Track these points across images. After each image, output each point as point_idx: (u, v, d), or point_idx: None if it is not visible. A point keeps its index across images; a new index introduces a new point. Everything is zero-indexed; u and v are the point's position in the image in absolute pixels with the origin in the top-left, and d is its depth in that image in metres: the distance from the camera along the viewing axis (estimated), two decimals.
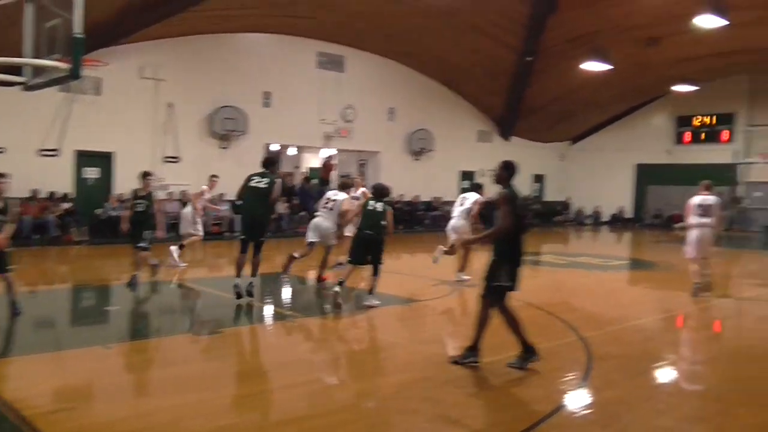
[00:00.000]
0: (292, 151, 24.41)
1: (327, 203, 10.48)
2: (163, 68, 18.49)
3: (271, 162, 9.05)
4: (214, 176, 12.69)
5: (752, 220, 26.57)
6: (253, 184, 8.75)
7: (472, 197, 11.44)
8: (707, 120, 27.92)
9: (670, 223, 27.82)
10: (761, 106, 26.50)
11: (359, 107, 22.76)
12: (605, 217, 30.32)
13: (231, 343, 7.20)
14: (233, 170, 19.72)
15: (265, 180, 8.76)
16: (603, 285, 12.25)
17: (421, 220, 23.84)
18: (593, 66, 21.64)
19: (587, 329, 7.82)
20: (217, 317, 8.44)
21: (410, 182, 24.20)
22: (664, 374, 6.41)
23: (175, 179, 18.72)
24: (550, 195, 30.80)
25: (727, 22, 17.03)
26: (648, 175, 29.42)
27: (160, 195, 18.36)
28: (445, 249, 11.21)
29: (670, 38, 20.93)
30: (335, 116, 22.29)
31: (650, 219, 29.03)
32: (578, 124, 30.26)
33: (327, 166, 9.90)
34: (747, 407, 5.30)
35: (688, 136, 28.47)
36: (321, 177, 10.76)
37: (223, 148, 19.86)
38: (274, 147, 22.36)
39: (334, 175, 19.46)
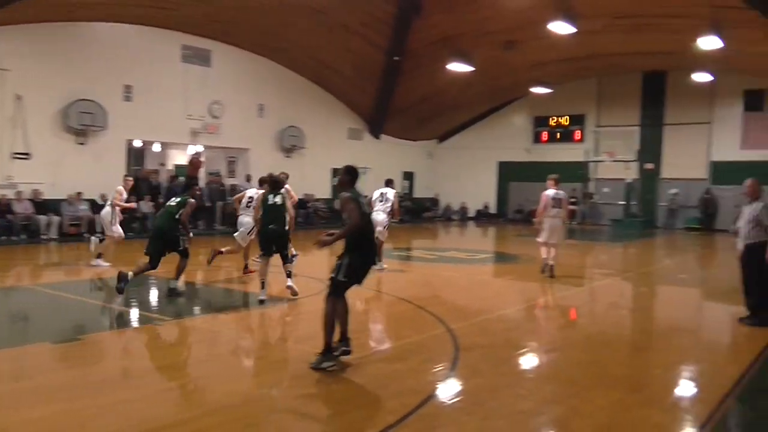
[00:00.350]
0: (156, 148, 23.39)
1: (249, 202, 11.08)
2: (8, 57, 17.07)
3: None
4: (127, 176, 13.31)
5: (602, 214, 28.75)
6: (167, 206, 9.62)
7: (390, 192, 12.65)
8: (562, 121, 29.86)
9: (530, 218, 29.53)
10: (607, 107, 28.72)
11: (227, 103, 22.22)
12: (471, 212, 31.61)
13: (94, 350, 6.80)
14: (91, 167, 18.63)
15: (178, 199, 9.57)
16: (469, 278, 12.75)
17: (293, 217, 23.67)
18: (457, 67, 22.46)
19: (455, 321, 8.13)
20: (77, 323, 7.94)
21: None
22: (525, 361, 6.80)
23: (25, 177, 17.36)
24: (420, 192, 31.66)
25: (575, 30, 18.31)
26: (510, 173, 31.00)
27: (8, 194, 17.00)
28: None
29: (527, 43, 22.17)
30: (202, 112, 21.62)
31: (512, 214, 30.61)
32: (445, 123, 31.32)
33: (194, 163, 9.54)
34: (598, 389, 5.74)
35: (545, 135, 30.28)
36: (188, 175, 10.43)
37: (80, 143, 18.66)
38: (137, 143, 21.33)
39: (201, 173, 18.83)
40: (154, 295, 10.11)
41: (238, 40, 21.95)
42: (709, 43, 18.35)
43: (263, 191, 9.87)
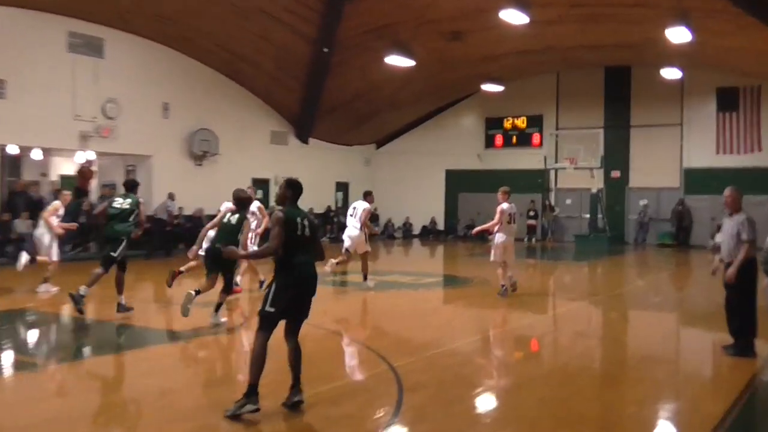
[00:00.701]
0: (37, 155, 22.60)
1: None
2: None
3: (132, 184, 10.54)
4: (65, 191, 13.69)
5: (564, 229, 29.39)
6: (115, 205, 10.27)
7: (361, 205, 13.76)
8: (518, 122, 30.46)
9: (483, 234, 29.88)
10: (568, 107, 29.49)
11: (124, 101, 21.71)
12: (416, 229, 31.79)
13: None
14: None
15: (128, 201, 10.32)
16: (415, 306, 12.75)
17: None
18: (396, 61, 22.65)
19: (398, 357, 8.08)
20: None
21: (192, 192, 23.52)
22: (480, 402, 6.79)
23: None
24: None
25: (528, 19, 18.72)
26: (459, 182, 31.38)
27: None
28: (336, 261, 13.43)
29: (475, 33, 22.57)
30: (94, 112, 21.05)
31: (463, 230, 30.94)
32: (384, 125, 31.49)
33: (84, 173, 9.14)
34: (563, 431, 5.78)
35: (499, 139, 30.82)
36: (77, 187, 10.12)
37: None
38: (12, 149, 20.56)
39: (93, 185, 18.28)
40: (34, 334, 9.68)
41: (137, 27, 21.52)
42: (676, 35, 19.06)
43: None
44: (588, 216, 28.04)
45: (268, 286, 6.13)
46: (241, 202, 9.90)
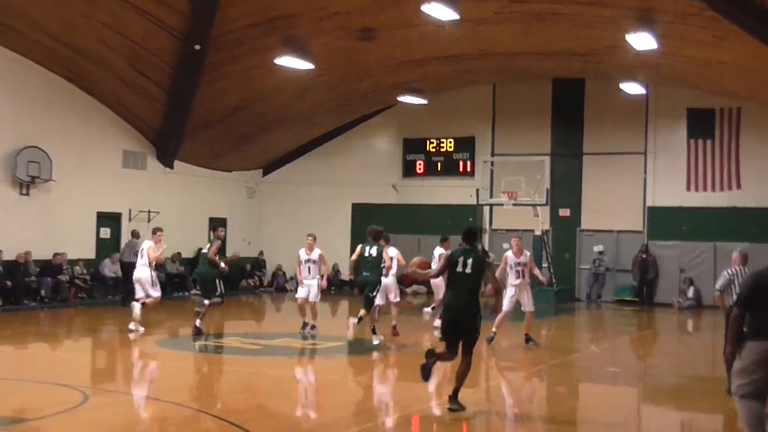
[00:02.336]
0: None
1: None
2: None
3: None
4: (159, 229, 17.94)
5: (501, 281, 29.89)
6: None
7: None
8: (444, 145, 30.94)
9: (401, 285, 30.05)
10: (506, 128, 30.14)
11: None
12: None
13: None
14: None
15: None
16: (312, 377, 12.73)
17: (35, 290, 22.61)
18: (290, 63, 22.75)
19: None
20: None
21: (15, 230, 22.85)
22: None
23: None
24: (235, 247, 31.39)
25: (457, 16, 19.16)
26: (369, 220, 31.43)
27: None
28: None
29: (391, 32, 22.89)
30: None
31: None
32: (273, 147, 31.45)
33: None
34: None
35: (420, 166, 31.22)
36: None
37: None
38: None
39: None
40: None
41: None
42: (640, 41, 19.90)
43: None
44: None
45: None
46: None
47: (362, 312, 16.01)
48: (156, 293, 17.63)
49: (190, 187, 28.84)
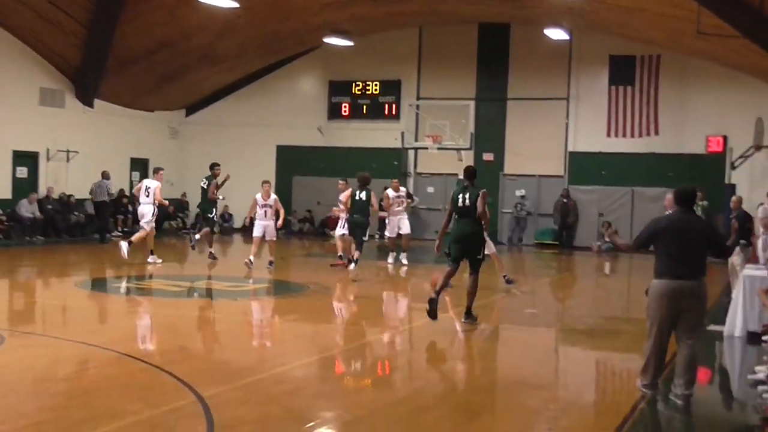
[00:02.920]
0: None
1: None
2: None
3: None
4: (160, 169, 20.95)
5: (424, 224, 30.17)
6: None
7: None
8: (370, 88, 30.88)
9: (324, 229, 30.17)
10: (432, 72, 30.23)
11: None
12: (238, 220, 31.55)
13: None
14: None
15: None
16: (234, 320, 12.74)
17: None
18: (213, 0, 22.35)
19: (210, 385, 8.08)
20: None
21: None
22: None
23: None
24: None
25: None
26: (294, 162, 31.45)
27: None
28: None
29: None
30: None
31: (299, 223, 31.03)
32: (197, 86, 31.03)
33: None
34: None
35: (345, 108, 31.14)
36: None
37: None
38: None
39: None
40: None
41: None
42: None
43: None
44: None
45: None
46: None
47: (357, 254, 17.96)
48: (148, 226, 19.69)
49: (110, 127, 28.33)
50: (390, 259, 21.27)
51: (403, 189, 21.75)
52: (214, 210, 21.04)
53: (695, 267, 8.13)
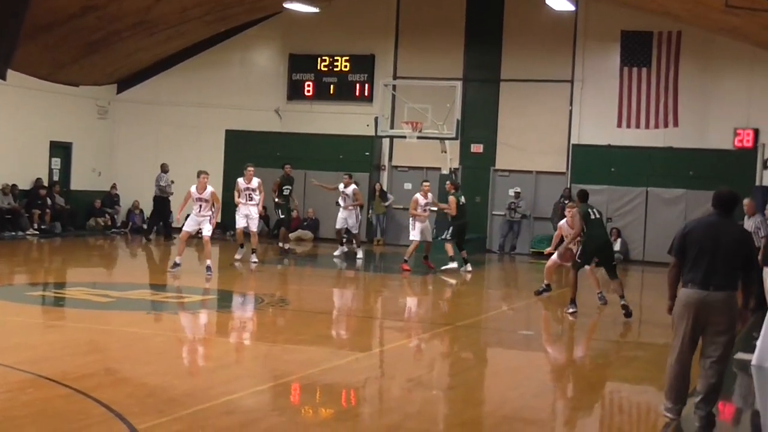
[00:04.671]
0: None
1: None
2: None
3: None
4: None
5: (401, 227, 30.14)
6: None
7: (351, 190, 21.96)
8: (339, 64, 30.79)
9: (279, 230, 30.07)
10: (412, 46, 30.19)
11: None
12: (179, 218, 31.44)
13: None
14: None
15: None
16: (173, 337, 12.68)
17: None
18: None
19: (144, 416, 8.05)
20: None
21: None
22: None
23: None
24: (82, 179, 30.87)
25: None
26: (246, 150, 31.24)
27: None
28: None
29: None
30: None
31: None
32: (130, 57, 30.87)
33: None
34: None
35: (309, 87, 31.04)
36: None
37: None
38: None
39: None
40: None
41: None
42: None
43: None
44: (435, 210, 28.77)
45: None
46: None
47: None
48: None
49: (26, 104, 28.15)
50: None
51: (431, 195, 23.02)
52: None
53: (725, 278, 8.39)
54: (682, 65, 27.27)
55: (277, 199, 24.61)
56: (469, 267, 22.10)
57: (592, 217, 16.11)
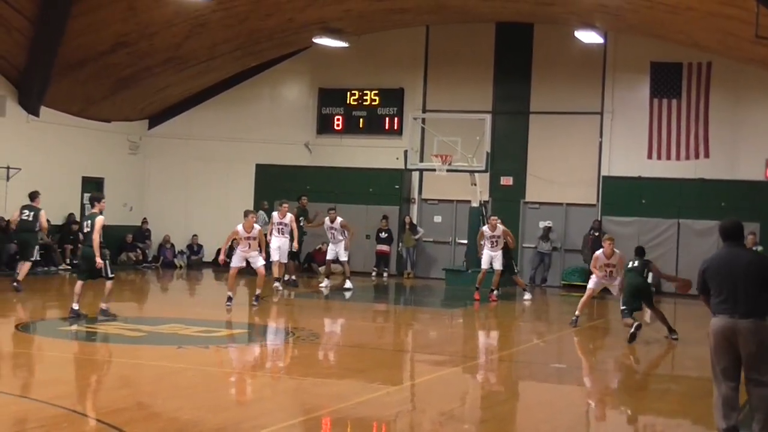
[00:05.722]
0: None
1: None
2: None
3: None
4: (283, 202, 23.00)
5: (431, 259, 30.10)
6: None
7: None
8: (368, 98, 30.83)
9: (309, 263, 30.08)
10: (441, 79, 30.22)
11: None
12: (209, 253, 31.46)
13: None
14: None
15: None
16: (205, 371, 12.69)
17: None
18: None
19: None
20: None
21: None
22: None
23: None
24: (113, 213, 30.97)
25: None
26: (276, 184, 31.35)
27: None
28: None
29: None
30: None
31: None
32: (161, 93, 31.02)
33: None
34: None
35: (338, 121, 31.09)
36: None
37: None
38: None
39: None
40: None
41: None
42: None
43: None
44: (466, 242, 28.69)
45: None
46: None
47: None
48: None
49: (59, 140, 28.33)
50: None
51: (501, 227, 23.40)
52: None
53: (748, 305, 8.54)
54: (712, 96, 27.17)
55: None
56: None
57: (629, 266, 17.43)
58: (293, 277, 24.43)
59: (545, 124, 29.37)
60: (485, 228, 23.56)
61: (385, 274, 29.38)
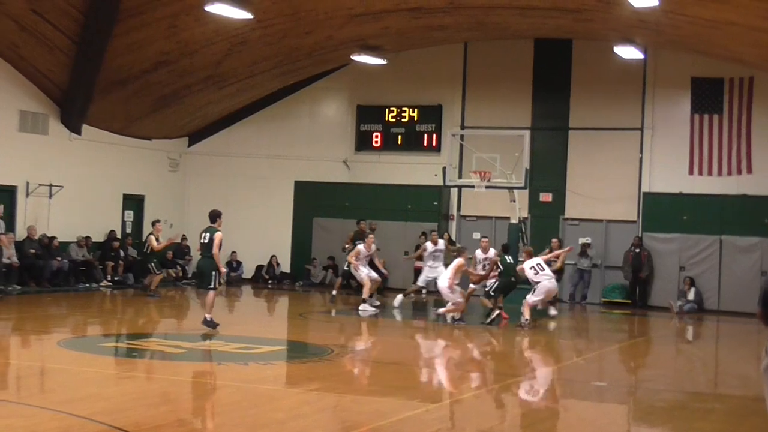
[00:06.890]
0: None
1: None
2: None
3: None
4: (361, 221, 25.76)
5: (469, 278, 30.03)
6: None
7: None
8: (406, 115, 30.84)
9: (349, 280, 30.03)
10: (479, 96, 30.22)
11: None
12: (248, 270, 31.57)
13: None
14: None
15: None
16: (243, 388, 12.69)
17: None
18: (223, 11, 22.58)
19: None
20: None
21: None
22: None
23: None
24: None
25: None
26: (315, 201, 31.45)
27: None
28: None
29: None
30: None
31: (320, 272, 30.89)
32: (201, 110, 31.20)
33: None
34: None
35: (377, 138, 31.14)
36: None
37: None
38: None
39: None
40: None
41: None
42: None
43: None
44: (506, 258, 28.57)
45: None
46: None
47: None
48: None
49: (100, 157, 28.54)
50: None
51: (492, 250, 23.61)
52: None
53: None
54: (754, 111, 27.01)
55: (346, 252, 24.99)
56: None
57: None
58: (334, 293, 24.98)
59: (585, 140, 29.25)
60: (478, 252, 23.84)
61: (424, 291, 29.25)
